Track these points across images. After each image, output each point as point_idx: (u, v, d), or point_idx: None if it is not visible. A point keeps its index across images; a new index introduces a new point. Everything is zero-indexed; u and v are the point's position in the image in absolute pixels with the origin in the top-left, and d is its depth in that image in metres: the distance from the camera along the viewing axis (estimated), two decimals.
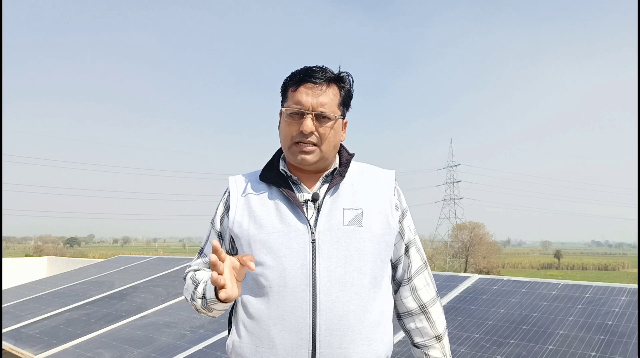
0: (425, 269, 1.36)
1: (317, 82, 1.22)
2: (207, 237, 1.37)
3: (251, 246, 1.21)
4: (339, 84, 1.26)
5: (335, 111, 1.24)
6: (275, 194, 1.26)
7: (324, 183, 1.28)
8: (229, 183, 1.35)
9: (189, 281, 1.30)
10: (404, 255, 1.34)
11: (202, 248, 1.38)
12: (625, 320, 2.36)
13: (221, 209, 1.34)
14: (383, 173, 1.34)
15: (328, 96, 1.23)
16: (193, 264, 1.36)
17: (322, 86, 1.23)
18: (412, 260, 1.34)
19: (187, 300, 1.30)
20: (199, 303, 1.21)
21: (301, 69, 1.26)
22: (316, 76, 1.22)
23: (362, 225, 1.21)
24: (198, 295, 1.21)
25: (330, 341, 1.13)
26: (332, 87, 1.25)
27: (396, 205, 1.30)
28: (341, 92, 1.27)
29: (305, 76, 1.23)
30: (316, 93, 1.22)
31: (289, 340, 1.14)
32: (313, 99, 1.21)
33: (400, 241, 1.32)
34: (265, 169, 1.32)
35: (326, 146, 1.24)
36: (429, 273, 1.37)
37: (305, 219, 1.20)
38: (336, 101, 1.25)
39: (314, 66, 1.26)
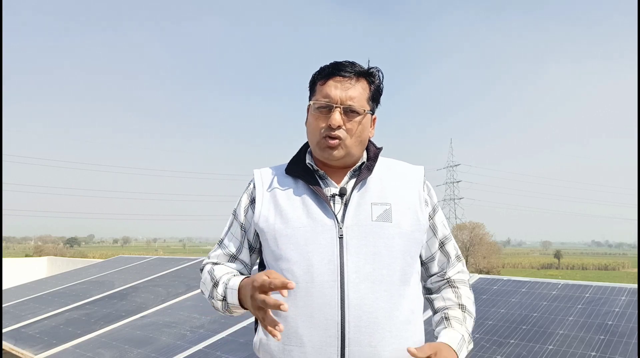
0: (459, 262, 1.31)
1: (346, 75, 1.19)
2: (228, 228, 1.32)
3: (277, 240, 1.18)
4: (369, 79, 1.23)
5: (364, 106, 1.21)
6: (301, 188, 1.23)
7: (352, 177, 1.24)
8: (254, 175, 1.31)
9: (206, 275, 1.26)
10: (439, 252, 1.29)
11: (222, 239, 1.33)
12: (625, 320, 2.36)
13: (245, 201, 1.30)
14: (412, 168, 1.30)
15: (357, 90, 1.20)
16: (212, 255, 1.32)
17: (351, 79, 1.20)
18: (448, 257, 1.30)
19: (202, 292, 1.27)
20: (220, 305, 1.19)
21: (330, 63, 1.23)
22: (345, 69, 1.19)
23: (391, 220, 1.17)
24: (218, 296, 1.19)
25: (359, 339, 1.10)
26: (361, 81, 1.21)
27: (426, 201, 1.26)
28: (371, 87, 1.23)
29: (334, 70, 1.20)
30: (345, 87, 1.19)
31: (317, 338, 1.10)
32: (342, 92, 1.18)
33: (432, 237, 1.28)
34: (291, 162, 1.29)
35: (354, 141, 1.20)
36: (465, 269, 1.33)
37: (333, 214, 1.16)
38: (365, 96, 1.21)
39: (344, 60, 1.22)
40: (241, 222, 1.29)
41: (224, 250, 1.31)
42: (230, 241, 1.30)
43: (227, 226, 1.33)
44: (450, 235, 1.31)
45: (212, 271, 1.26)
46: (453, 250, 1.31)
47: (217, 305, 1.21)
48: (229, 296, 1.16)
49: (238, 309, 1.17)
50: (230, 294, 1.16)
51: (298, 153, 1.31)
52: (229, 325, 3.19)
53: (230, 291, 1.16)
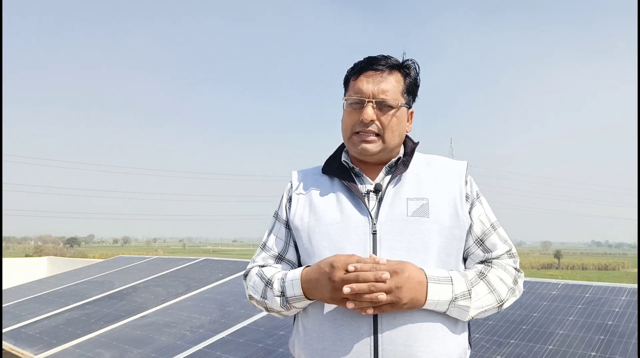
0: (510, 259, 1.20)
1: (379, 69, 1.17)
2: (270, 230, 1.30)
3: (311, 237, 1.17)
4: (403, 71, 1.20)
5: (398, 99, 1.18)
6: (336, 186, 1.22)
7: (388, 173, 1.21)
8: (292, 176, 1.32)
9: (255, 278, 1.23)
10: (476, 247, 1.21)
11: (265, 242, 1.31)
12: (625, 320, 2.36)
13: (285, 201, 1.29)
14: (453, 163, 1.25)
15: (390, 82, 1.17)
16: (256, 259, 1.29)
17: (384, 72, 1.17)
18: (495, 243, 1.20)
19: (251, 297, 1.24)
20: (278, 301, 1.15)
21: (364, 58, 1.20)
22: (378, 63, 1.17)
23: (428, 215, 1.13)
24: (275, 293, 1.15)
25: (392, 338, 1.05)
26: (394, 74, 1.18)
27: (467, 195, 1.20)
28: (405, 80, 1.20)
29: (367, 64, 1.18)
30: (377, 80, 1.16)
31: (349, 336, 1.07)
32: (374, 86, 1.16)
33: (477, 228, 1.20)
34: (327, 162, 1.28)
35: (388, 135, 1.17)
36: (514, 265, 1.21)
37: (366, 210, 1.14)
38: (399, 89, 1.18)
39: (378, 54, 1.19)
40: (285, 221, 1.28)
41: (269, 252, 1.28)
42: (274, 243, 1.28)
43: (269, 228, 1.31)
44: (490, 230, 1.21)
45: (262, 272, 1.23)
46: (499, 239, 1.20)
47: (273, 304, 1.17)
48: (289, 290, 1.13)
49: (300, 301, 1.12)
50: (291, 286, 1.12)
51: (335, 152, 1.30)
52: (229, 325, 3.19)
53: (290, 284, 1.13)
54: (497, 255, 1.20)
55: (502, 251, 1.20)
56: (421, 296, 1.04)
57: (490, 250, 1.20)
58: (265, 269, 1.24)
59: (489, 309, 1.12)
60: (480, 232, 1.21)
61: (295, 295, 1.12)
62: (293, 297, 1.13)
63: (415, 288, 1.03)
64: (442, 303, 1.06)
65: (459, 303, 1.07)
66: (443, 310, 1.07)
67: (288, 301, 1.14)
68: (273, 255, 1.27)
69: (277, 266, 1.26)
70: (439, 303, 1.06)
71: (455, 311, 1.08)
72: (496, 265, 1.18)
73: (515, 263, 1.22)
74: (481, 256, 1.21)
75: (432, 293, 1.05)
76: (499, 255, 1.20)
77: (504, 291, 1.14)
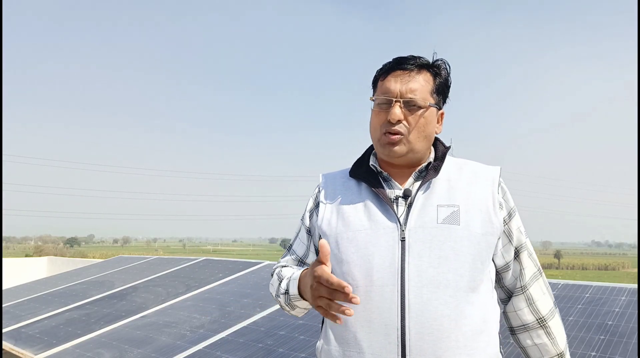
0: (541, 276, 1.22)
1: (407, 68, 1.14)
2: (297, 234, 1.31)
3: (338, 243, 1.14)
4: (433, 71, 1.17)
5: (427, 98, 1.14)
6: (364, 191, 1.19)
7: (417, 178, 1.18)
8: (320, 179, 1.30)
9: (274, 277, 1.25)
10: (514, 261, 1.20)
11: (291, 244, 1.31)
12: (625, 320, 2.36)
13: (311, 205, 1.28)
14: (485, 168, 1.21)
15: (418, 82, 1.14)
16: (282, 261, 1.31)
17: (412, 72, 1.14)
18: (525, 266, 1.20)
19: (272, 295, 1.26)
20: (282, 299, 1.17)
21: (393, 59, 1.18)
22: (407, 62, 1.14)
23: (459, 223, 1.09)
24: (282, 290, 1.17)
25: (422, 347, 1.02)
26: (423, 73, 1.15)
27: (500, 203, 1.16)
28: (435, 80, 1.17)
29: (395, 64, 1.16)
30: (405, 80, 1.13)
31: (376, 344, 1.04)
32: (402, 85, 1.13)
33: (508, 244, 1.18)
34: (355, 165, 1.25)
35: (416, 135, 1.14)
36: (545, 281, 1.23)
37: (395, 217, 1.11)
38: (428, 88, 1.15)
39: (407, 55, 1.17)
40: (307, 226, 1.27)
41: (292, 255, 1.29)
42: (298, 246, 1.29)
43: (296, 231, 1.31)
44: (527, 243, 1.21)
45: (280, 272, 1.24)
46: (529, 259, 1.21)
47: (281, 301, 1.19)
48: (291, 288, 1.13)
49: (298, 300, 1.12)
50: (292, 285, 1.13)
51: (362, 155, 1.27)
52: (229, 325, 3.19)
53: (292, 283, 1.13)
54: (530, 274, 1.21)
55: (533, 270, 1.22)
56: None
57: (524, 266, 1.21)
58: (284, 269, 1.25)
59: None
60: (518, 244, 1.20)
61: (294, 294, 1.12)
62: (293, 295, 1.13)
63: None
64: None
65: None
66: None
67: (290, 300, 1.14)
68: (295, 258, 1.29)
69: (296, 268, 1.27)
70: None
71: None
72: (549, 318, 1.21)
73: (545, 280, 1.24)
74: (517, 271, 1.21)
75: None
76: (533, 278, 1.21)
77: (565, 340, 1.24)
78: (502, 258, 1.19)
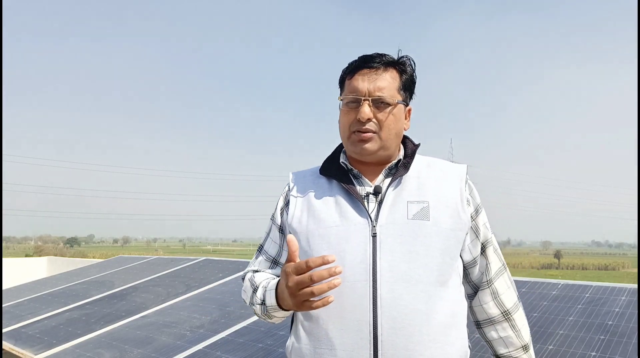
0: (505, 271, 1.26)
1: (374, 66, 1.15)
2: (267, 233, 1.29)
3: (309, 241, 1.14)
4: (399, 68, 1.18)
5: (395, 96, 1.16)
6: (335, 188, 1.19)
7: (387, 175, 1.19)
8: (290, 178, 1.29)
9: (247, 283, 1.23)
10: (480, 256, 1.23)
11: (262, 245, 1.29)
12: (625, 320, 2.36)
13: (281, 203, 1.27)
14: (453, 166, 1.24)
15: (386, 80, 1.15)
16: (253, 263, 1.28)
17: (379, 70, 1.15)
18: (491, 261, 1.23)
19: (244, 301, 1.24)
20: (259, 309, 1.16)
21: (358, 57, 1.18)
22: (373, 60, 1.15)
23: (429, 218, 1.11)
24: (257, 300, 1.15)
25: (394, 341, 1.03)
26: (390, 71, 1.17)
27: (468, 200, 1.19)
28: (401, 77, 1.18)
29: (362, 62, 1.16)
30: (372, 78, 1.14)
31: (348, 340, 1.05)
32: (369, 84, 1.14)
33: (475, 239, 1.21)
34: (325, 163, 1.25)
35: (386, 133, 1.15)
36: (509, 276, 1.26)
37: (366, 213, 1.12)
38: (395, 85, 1.16)
39: (373, 53, 1.18)
40: (279, 225, 1.26)
41: (265, 255, 1.27)
42: (269, 246, 1.28)
43: (266, 231, 1.30)
44: (493, 239, 1.24)
45: (253, 278, 1.22)
46: (495, 255, 1.24)
47: (256, 310, 1.17)
48: (267, 298, 1.12)
49: (276, 311, 1.12)
50: (269, 295, 1.11)
51: (333, 153, 1.27)
52: (229, 325, 3.19)
53: (268, 293, 1.12)
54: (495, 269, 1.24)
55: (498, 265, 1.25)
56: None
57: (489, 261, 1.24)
58: (257, 275, 1.23)
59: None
60: (484, 239, 1.23)
61: (272, 304, 1.11)
62: (270, 306, 1.11)
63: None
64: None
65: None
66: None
67: (267, 311, 1.13)
68: (269, 259, 1.26)
69: (271, 271, 1.26)
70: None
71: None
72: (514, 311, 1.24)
73: (509, 275, 1.28)
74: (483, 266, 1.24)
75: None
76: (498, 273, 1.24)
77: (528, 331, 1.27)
78: (470, 253, 1.22)
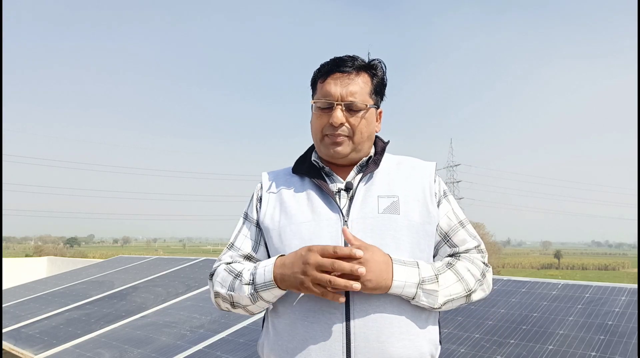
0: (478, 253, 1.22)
1: (346, 71, 1.17)
2: (239, 230, 1.28)
3: (282, 237, 1.15)
4: (370, 72, 1.20)
5: (367, 100, 1.18)
6: (307, 185, 1.22)
7: (359, 172, 1.22)
8: (262, 177, 1.31)
9: (223, 273, 1.19)
10: (446, 243, 1.22)
11: (232, 242, 1.28)
12: (625, 320, 2.36)
13: (255, 201, 1.28)
14: (422, 163, 1.27)
15: (358, 84, 1.17)
16: (223, 258, 1.26)
17: (351, 74, 1.17)
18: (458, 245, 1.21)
19: (217, 294, 1.18)
20: (246, 291, 1.10)
21: (330, 59, 1.20)
22: (345, 64, 1.17)
23: (399, 212, 1.14)
24: (244, 281, 1.11)
25: (365, 333, 1.05)
26: (362, 75, 1.19)
27: (435, 193, 1.22)
28: (373, 81, 1.20)
29: (333, 66, 1.17)
30: (345, 83, 1.16)
31: (320, 334, 1.06)
32: (342, 89, 1.15)
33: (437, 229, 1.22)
34: (297, 162, 1.28)
35: (358, 137, 1.18)
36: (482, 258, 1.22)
37: (338, 208, 1.14)
38: (367, 90, 1.18)
39: (344, 55, 1.19)
40: (255, 221, 1.26)
41: (237, 251, 1.25)
42: (241, 242, 1.26)
43: (237, 228, 1.29)
44: (458, 226, 1.23)
45: (230, 267, 1.19)
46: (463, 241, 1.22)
47: (241, 295, 1.12)
48: (260, 277, 1.09)
49: (269, 290, 1.08)
50: (262, 273, 1.09)
51: (305, 153, 1.30)
52: (229, 325, 3.19)
53: (262, 271, 1.09)
54: (466, 249, 1.22)
55: (470, 246, 1.22)
56: (387, 276, 1.04)
57: (457, 245, 1.22)
58: (234, 264, 1.20)
59: (457, 298, 1.12)
60: (447, 227, 1.22)
61: (266, 282, 1.08)
62: (262, 284, 1.08)
63: (380, 268, 1.03)
64: (410, 286, 1.06)
65: (427, 286, 1.07)
66: (411, 294, 1.07)
67: (256, 290, 1.09)
68: (242, 254, 1.24)
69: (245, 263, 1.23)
70: (407, 286, 1.06)
71: (423, 296, 1.07)
72: (464, 258, 1.20)
73: (484, 258, 1.23)
74: (449, 251, 1.22)
75: (398, 274, 1.05)
76: (467, 249, 1.22)
77: (471, 281, 1.15)
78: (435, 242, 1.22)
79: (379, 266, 1.03)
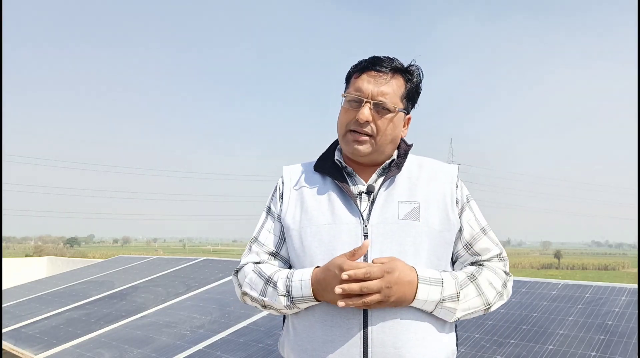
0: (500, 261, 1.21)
1: (382, 70, 1.15)
2: (262, 225, 1.27)
3: (302, 237, 1.15)
4: (406, 76, 1.19)
5: (397, 103, 1.16)
6: (328, 185, 1.20)
7: (381, 175, 1.21)
8: (284, 172, 1.29)
9: (252, 275, 1.18)
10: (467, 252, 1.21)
11: (256, 237, 1.26)
12: (625, 320, 2.36)
13: (276, 196, 1.27)
14: (444, 166, 1.25)
15: (391, 86, 1.15)
16: (250, 256, 1.24)
17: (386, 75, 1.16)
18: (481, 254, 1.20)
19: (245, 293, 1.19)
20: (282, 301, 1.11)
21: (369, 57, 1.19)
22: (382, 64, 1.16)
23: (419, 219, 1.13)
24: (280, 292, 1.11)
25: (383, 339, 1.05)
26: (397, 78, 1.17)
27: (457, 200, 1.20)
28: (407, 85, 1.19)
29: (370, 64, 1.16)
30: (378, 82, 1.15)
31: (339, 338, 1.06)
32: (374, 87, 1.14)
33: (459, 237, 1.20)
34: (320, 159, 1.26)
35: (382, 139, 1.16)
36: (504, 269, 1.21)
37: (358, 212, 1.14)
38: (399, 93, 1.17)
39: (383, 55, 1.18)
40: (277, 216, 1.25)
41: (262, 247, 1.23)
42: (266, 238, 1.24)
43: (260, 223, 1.27)
44: (480, 234, 1.21)
45: (259, 269, 1.18)
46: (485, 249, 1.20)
47: (274, 303, 1.12)
48: (296, 290, 1.09)
49: (306, 302, 1.10)
50: (299, 287, 1.09)
51: (328, 150, 1.28)
52: (229, 325, 3.19)
53: (298, 284, 1.09)
54: (488, 257, 1.21)
55: (492, 254, 1.21)
56: (410, 295, 1.05)
57: (479, 254, 1.21)
58: (262, 266, 1.20)
59: (475, 311, 1.13)
60: (469, 236, 1.21)
61: (304, 296, 1.09)
62: (300, 298, 1.09)
63: (404, 289, 1.04)
64: (430, 304, 1.07)
65: (446, 304, 1.08)
66: (430, 310, 1.08)
67: (293, 302, 1.11)
68: (267, 251, 1.23)
69: (273, 263, 1.23)
70: (427, 303, 1.07)
71: (442, 312, 1.09)
72: (487, 268, 1.19)
73: (505, 266, 1.23)
74: (471, 259, 1.22)
75: (421, 294, 1.06)
76: (489, 258, 1.21)
77: (492, 294, 1.15)
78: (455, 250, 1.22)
79: (404, 288, 1.04)
